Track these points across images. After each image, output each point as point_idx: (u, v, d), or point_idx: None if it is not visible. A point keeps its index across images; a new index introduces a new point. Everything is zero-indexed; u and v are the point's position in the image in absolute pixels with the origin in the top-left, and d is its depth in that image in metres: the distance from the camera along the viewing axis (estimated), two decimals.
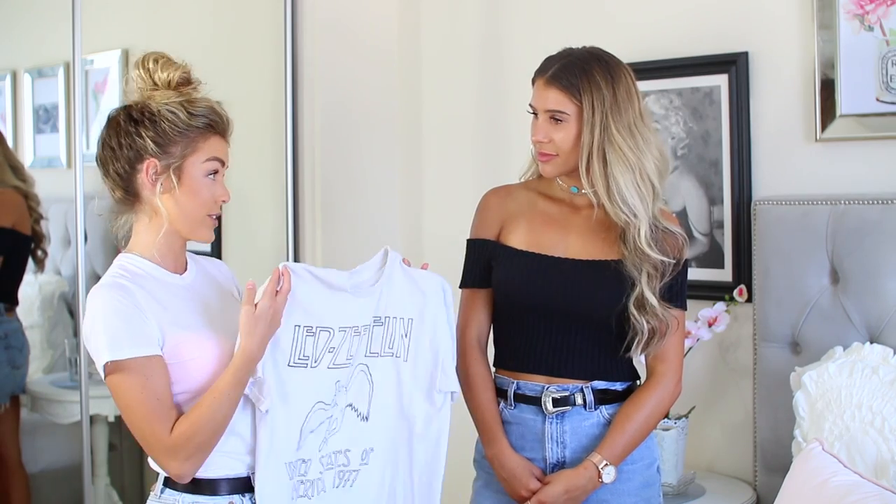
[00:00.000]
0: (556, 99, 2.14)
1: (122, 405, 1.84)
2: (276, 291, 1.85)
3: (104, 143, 1.94)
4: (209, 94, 1.98)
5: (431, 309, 2.12)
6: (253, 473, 1.92)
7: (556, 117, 2.14)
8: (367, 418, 2.05)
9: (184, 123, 1.90)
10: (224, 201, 1.96)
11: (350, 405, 2.03)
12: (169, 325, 1.87)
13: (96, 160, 1.97)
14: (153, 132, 1.89)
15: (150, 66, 1.93)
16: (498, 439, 2.23)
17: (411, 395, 2.10)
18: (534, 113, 2.19)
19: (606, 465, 2.15)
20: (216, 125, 1.94)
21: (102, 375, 1.85)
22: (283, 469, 1.92)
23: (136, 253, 1.94)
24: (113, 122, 1.94)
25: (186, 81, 1.95)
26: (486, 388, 2.25)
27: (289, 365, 1.91)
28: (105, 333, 1.82)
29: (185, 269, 2.00)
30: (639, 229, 2.11)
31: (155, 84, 1.92)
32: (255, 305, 1.83)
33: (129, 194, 1.94)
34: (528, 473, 2.20)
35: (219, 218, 1.99)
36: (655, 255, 2.12)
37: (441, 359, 2.12)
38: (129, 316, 1.83)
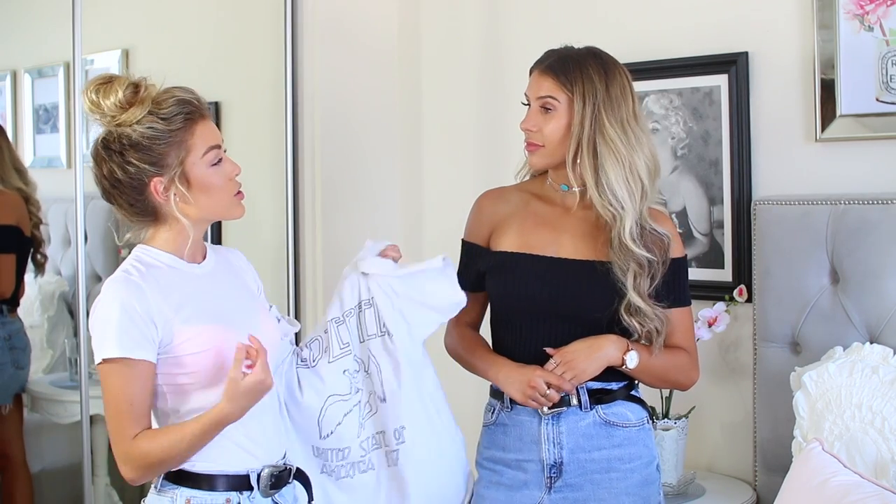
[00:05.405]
0: (549, 87, 2.17)
1: (104, 397, 1.89)
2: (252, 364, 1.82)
3: (100, 179, 1.94)
4: (156, 78, 1.92)
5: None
6: (255, 472, 1.95)
7: (546, 105, 2.16)
8: (384, 399, 2.16)
9: (164, 132, 1.88)
10: (237, 174, 1.97)
11: (372, 392, 2.16)
12: (178, 319, 1.88)
13: (103, 198, 1.97)
14: (141, 154, 1.88)
15: (94, 97, 1.89)
16: (498, 359, 2.23)
17: (407, 363, 2.17)
18: (528, 103, 2.22)
19: (633, 350, 2.15)
20: (193, 114, 1.91)
21: (96, 363, 1.88)
22: (309, 449, 2.17)
23: (155, 245, 1.96)
24: (98, 158, 1.93)
25: (135, 90, 1.89)
26: (476, 337, 2.32)
27: (296, 367, 2.18)
28: (108, 328, 1.85)
29: (204, 258, 2.02)
30: (623, 223, 2.11)
31: (109, 114, 1.88)
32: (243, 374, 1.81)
33: (147, 215, 1.95)
34: (533, 367, 2.17)
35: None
36: (639, 251, 2.12)
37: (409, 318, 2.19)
38: (133, 318, 1.85)
